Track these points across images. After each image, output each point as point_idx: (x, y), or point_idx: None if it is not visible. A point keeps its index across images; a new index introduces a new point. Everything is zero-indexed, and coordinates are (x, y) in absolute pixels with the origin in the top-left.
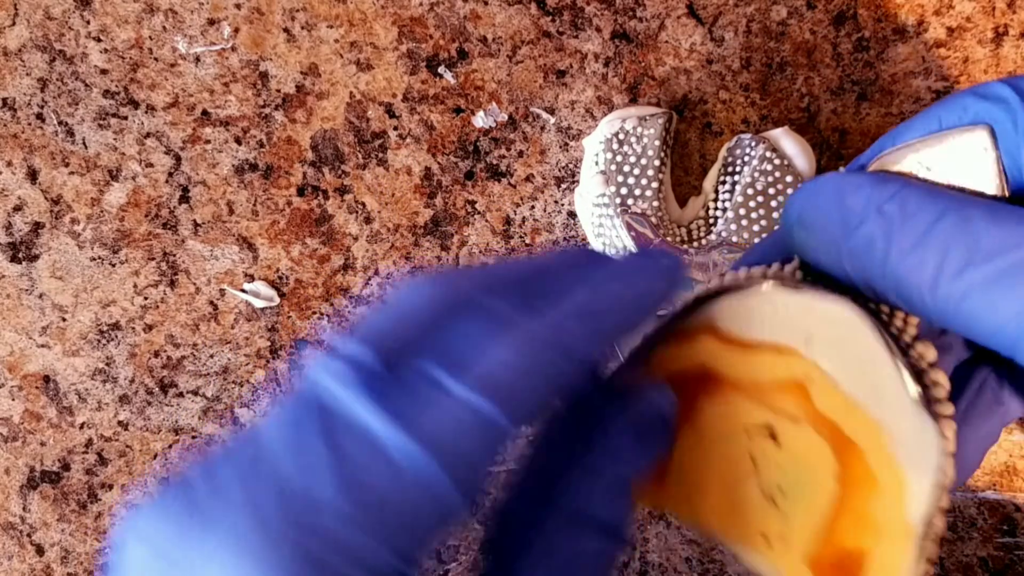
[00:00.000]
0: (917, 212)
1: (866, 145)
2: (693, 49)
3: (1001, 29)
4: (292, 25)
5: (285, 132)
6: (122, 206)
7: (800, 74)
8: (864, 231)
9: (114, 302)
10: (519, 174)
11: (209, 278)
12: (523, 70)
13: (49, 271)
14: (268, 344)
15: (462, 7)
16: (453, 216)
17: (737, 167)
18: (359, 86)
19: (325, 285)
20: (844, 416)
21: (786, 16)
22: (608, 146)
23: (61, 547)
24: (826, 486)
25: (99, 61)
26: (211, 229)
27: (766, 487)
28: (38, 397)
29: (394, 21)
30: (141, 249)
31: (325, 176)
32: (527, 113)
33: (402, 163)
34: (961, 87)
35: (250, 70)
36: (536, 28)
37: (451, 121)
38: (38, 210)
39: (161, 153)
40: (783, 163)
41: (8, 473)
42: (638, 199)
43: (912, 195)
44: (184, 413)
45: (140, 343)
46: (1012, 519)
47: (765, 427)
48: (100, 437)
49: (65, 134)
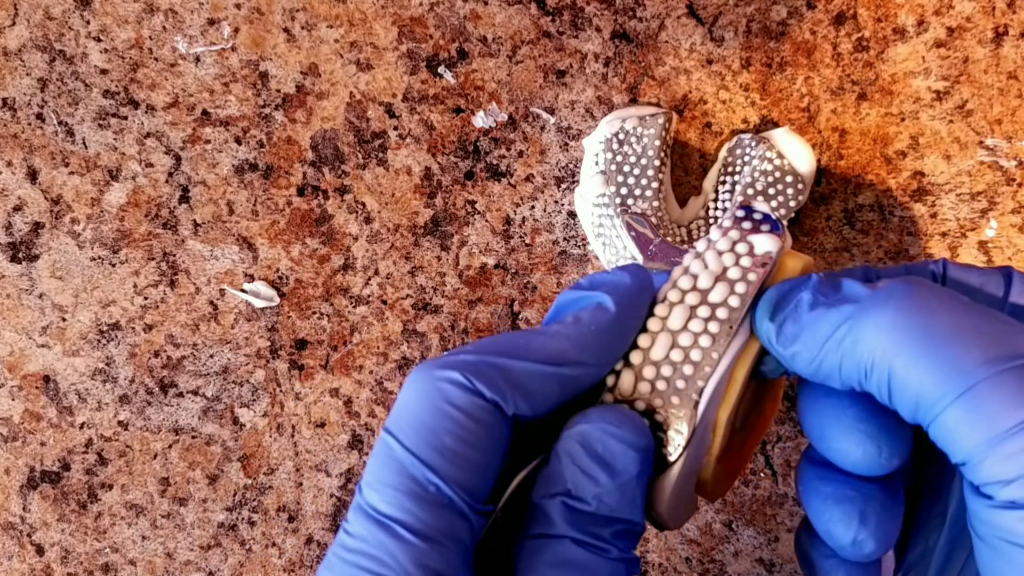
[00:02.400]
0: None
1: (866, 145)
2: (693, 49)
3: (1001, 29)
4: (292, 25)
5: (285, 132)
6: (122, 206)
7: (800, 74)
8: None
9: (114, 302)
10: (519, 174)
11: (209, 278)
12: (523, 70)
13: (49, 271)
14: (268, 344)
15: (462, 7)
16: (453, 216)
17: (737, 167)
18: (359, 86)
19: (325, 285)
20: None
21: (786, 16)
22: (608, 146)
23: (61, 547)
24: None
25: (99, 61)
26: (211, 229)
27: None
28: (38, 397)
29: (394, 21)
30: (141, 249)
31: (325, 176)
32: (527, 113)
33: (402, 163)
34: (961, 87)
35: (250, 70)
36: (536, 28)
37: (451, 121)
38: (38, 210)
39: (161, 153)
40: (783, 163)
41: (8, 473)
42: (638, 199)
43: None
44: (184, 413)
45: (140, 343)
46: None
47: None
48: (100, 437)
49: (65, 134)
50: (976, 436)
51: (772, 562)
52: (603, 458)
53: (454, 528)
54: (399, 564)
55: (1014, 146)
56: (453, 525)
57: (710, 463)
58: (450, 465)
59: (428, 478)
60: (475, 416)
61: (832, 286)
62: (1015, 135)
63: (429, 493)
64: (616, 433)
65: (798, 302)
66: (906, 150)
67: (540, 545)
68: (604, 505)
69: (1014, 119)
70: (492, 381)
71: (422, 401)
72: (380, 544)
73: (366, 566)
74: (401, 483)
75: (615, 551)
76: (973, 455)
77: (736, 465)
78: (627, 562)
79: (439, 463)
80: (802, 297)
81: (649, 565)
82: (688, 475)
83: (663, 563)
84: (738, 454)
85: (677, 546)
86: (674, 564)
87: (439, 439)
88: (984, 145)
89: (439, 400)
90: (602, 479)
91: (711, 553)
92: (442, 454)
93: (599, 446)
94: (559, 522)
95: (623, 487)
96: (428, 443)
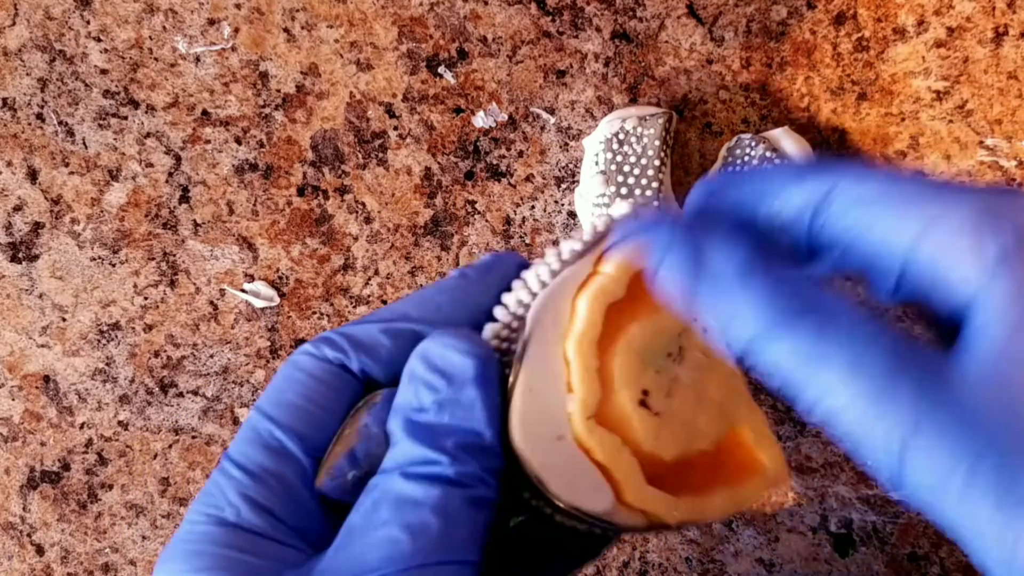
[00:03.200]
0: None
1: (866, 145)
2: (693, 49)
3: (1001, 29)
4: (292, 25)
5: (285, 132)
6: (122, 206)
7: (800, 74)
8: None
9: (114, 302)
10: (519, 174)
11: (209, 278)
12: (523, 70)
13: (49, 271)
14: (268, 344)
15: (462, 7)
16: (453, 216)
17: (737, 167)
18: (359, 86)
19: (325, 285)
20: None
21: (786, 16)
22: (608, 146)
23: (61, 547)
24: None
25: (99, 61)
26: (211, 229)
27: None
28: (38, 397)
29: (394, 21)
30: (141, 249)
31: (325, 176)
32: (527, 113)
33: (402, 163)
34: (961, 87)
35: (250, 70)
36: (536, 28)
37: (451, 121)
38: (38, 210)
39: (161, 153)
40: (783, 163)
41: (8, 473)
42: (638, 199)
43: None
44: (184, 413)
45: (140, 343)
46: None
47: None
48: (100, 437)
49: (65, 134)
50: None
51: (772, 562)
52: (441, 368)
53: (282, 468)
54: (224, 495)
55: (1014, 146)
56: (282, 466)
57: (578, 412)
58: (288, 416)
59: (266, 427)
60: (318, 376)
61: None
62: (1015, 135)
63: (263, 438)
64: (452, 344)
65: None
66: (906, 150)
67: (377, 479)
68: (443, 411)
69: (1014, 119)
70: (337, 346)
71: (282, 373)
72: (214, 481)
73: (203, 500)
74: (245, 435)
75: (452, 466)
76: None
77: (678, 486)
78: (468, 482)
79: (278, 414)
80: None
81: (649, 565)
82: (541, 407)
83: (663, 563)
84: (682, 479)
85: (677, 546)
86: (674, 564)
87: (283, 396)
88: (984, 145)
89: (291, 368)
90: (440, 386)
91: (711, 553)
92: (282, 407)
93: (438, 359)
94: (403, 439)
95: (460, 391)
96: (274, 401)
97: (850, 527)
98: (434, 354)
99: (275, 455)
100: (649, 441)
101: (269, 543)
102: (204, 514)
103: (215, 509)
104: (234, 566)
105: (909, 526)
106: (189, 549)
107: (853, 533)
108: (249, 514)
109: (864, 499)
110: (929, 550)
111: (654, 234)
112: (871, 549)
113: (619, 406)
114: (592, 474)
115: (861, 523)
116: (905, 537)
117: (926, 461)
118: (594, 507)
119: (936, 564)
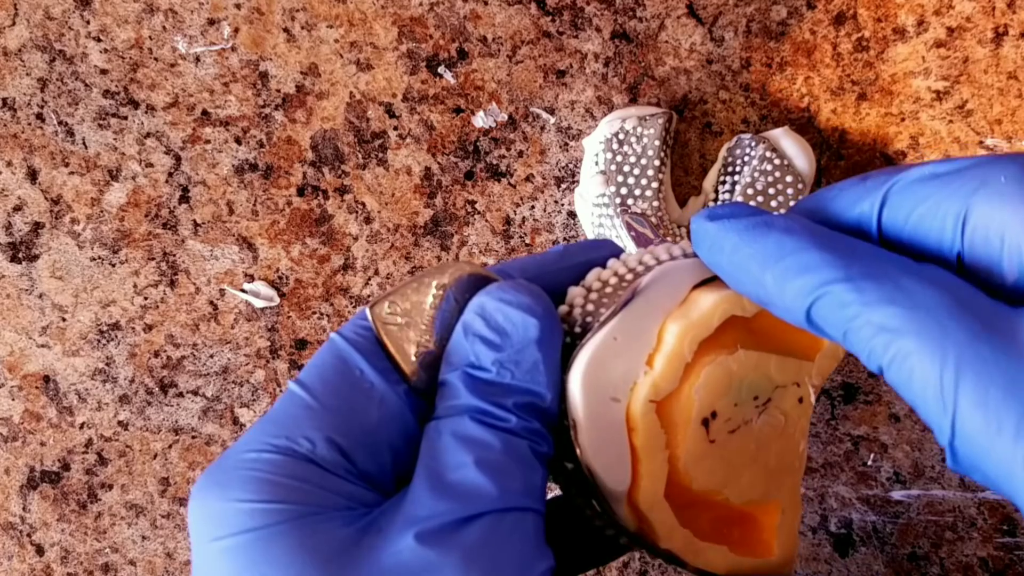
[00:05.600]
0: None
1: (866, 145)
2: (693, 49)
3: (1001, 29)
4: (292, 25)
5: (285, 132)
6: (122, 206)
7: (800, 74)
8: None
9: (114, 302)
10: (519, 174)
11: (209, 278)
12: (523, 70)
13: (49, 271)
14: (268, 344)
15: (462, 7)
16: (453, 216)
17: (737, 167)
18: (359, 86)
19: (325, 285)
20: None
21: (786, 16)
22: (608, 146)
23: (61, 547)
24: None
25: (99, 61)
26: (211, 229)
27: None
28: (38, 397)
29: (394, 21)
30: (141, 249)
31: (325, 176)
32: (527, 113)
33: (402, 163)
34: (961, 87)
35: (250, 70)
36: (536, 28)
37: (451, 121)
38: (38, 210)
39: (161, 153)
40: (783, 163)
41: (8, 473)
42: (638, 199)
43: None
44: (184, 413)
45: (140, 343)
46: (1012, 519)
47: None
48: (100, 437)
49: (65, 134)
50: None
51: None
52: (501, 326)
53: (368, 409)
54: (298, 426)
55: (1014, 146)
56: (368, 407)
57: (644, 388)
58: (376, 356)
59: (356, 362)
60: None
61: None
62: (1015, 135)
63: (350, 373)
64: (513, 300)
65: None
66: (906, 150)
67: (441, 424)
68: (504, 371)
69: (1014, 119)
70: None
71: (360, 315)
72: (285, 411)
73: (267, 429)
74: (327, 362)
75: (514, 420)
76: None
77: (686, 518)
78: (530, 437)
79: (366, 349)
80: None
81: (649, 565)
82: (614, 360)
83: (663, 563)
84: (694, 514)
85: None
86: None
87: (369, 333)
88: (984, 145)
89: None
90: (501, 344)
91: None
92: (368, 341)
93: (498, 315)
94: (463, 393)
95: (521, 352)
96: (359, 334)
97: (850, 527)
98: (492, 309)
99: (361, 394)
100: (689, 460)
101: (342, 482)
102: (270, 444)
103: (286, 440)
104: (311, 500)
105: (909, 526)
106: (256, 477)
107: (853, 533)
108: (325, 450)
109: (864, 499)
110: (929, 550)
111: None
112: (871, 549)
113: (683, 410)
114: (623, 451)
115: (861, 523)
116: (905, 537)
117: (979, 406)
118: (606, 480)
119: (936, 564)
